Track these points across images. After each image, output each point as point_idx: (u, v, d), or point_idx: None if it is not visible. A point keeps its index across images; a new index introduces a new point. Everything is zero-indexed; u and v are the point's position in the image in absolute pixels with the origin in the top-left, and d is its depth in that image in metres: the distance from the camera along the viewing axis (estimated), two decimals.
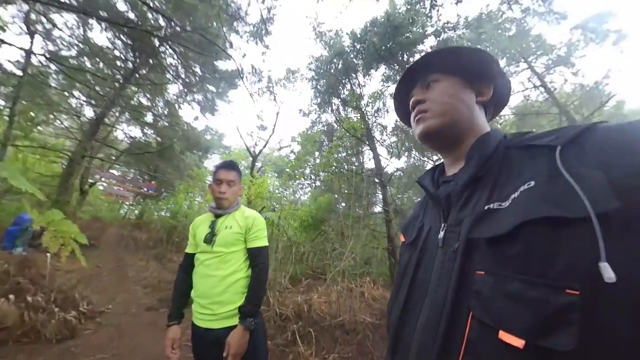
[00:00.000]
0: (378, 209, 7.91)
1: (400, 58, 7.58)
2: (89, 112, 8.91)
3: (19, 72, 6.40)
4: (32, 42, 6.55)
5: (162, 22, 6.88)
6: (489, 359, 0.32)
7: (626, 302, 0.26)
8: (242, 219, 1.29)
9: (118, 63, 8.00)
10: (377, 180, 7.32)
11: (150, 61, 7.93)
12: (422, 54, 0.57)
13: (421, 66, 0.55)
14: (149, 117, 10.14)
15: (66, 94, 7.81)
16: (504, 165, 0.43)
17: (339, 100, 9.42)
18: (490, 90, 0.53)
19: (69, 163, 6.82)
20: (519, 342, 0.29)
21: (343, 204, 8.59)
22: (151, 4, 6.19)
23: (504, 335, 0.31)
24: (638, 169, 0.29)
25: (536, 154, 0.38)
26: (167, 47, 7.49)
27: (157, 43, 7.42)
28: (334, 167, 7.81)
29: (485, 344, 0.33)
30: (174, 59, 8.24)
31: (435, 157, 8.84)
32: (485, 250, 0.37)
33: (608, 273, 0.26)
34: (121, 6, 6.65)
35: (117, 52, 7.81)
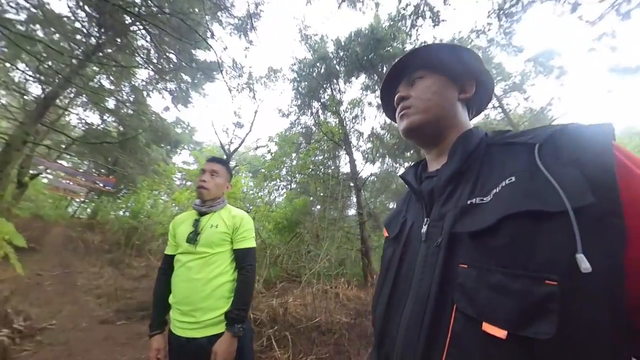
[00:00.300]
0: (352, 212, 8.10)
1: (380, 69, 7.95)
2: (35, 90, 7.73)
3: None
4: None
5: None
6: (473, 350, 0.33)
7: (602, 291, 0.27)
8: (229, 218, 1.24)
9: (78, 37, 6.95)
10: (352, 184, 7.52)
11: (118, 40, 7.11)
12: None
13: (407, 63, 0.55)
14: (110, 103, 9.12)
15: (7, 65, 6.66)
16: (485, 161, 0.44)
17: (319, 103, 9.53)
18: (472, 87, 0.54)
19: (5, 148, 5.71)
20: (501, 333, 0.30)
21: (318, 207, 8.63)
22: None
23: (487, 327, 0.32)
24: (609, 166, 0.31)
25: (516, 151, 0.40)
26: (140, 27, 6.82)
27: (128, 20, 6.72)
28: (310, 170, 7.83)
29: (470, 335, 0.33)
30: (146, 41, 7.50)
31: (407, 164, 9.38)
32: (469, 244, 0.37)
33: (584, 264, 0.27)
34: None
35: (78, 25, 6.81)
